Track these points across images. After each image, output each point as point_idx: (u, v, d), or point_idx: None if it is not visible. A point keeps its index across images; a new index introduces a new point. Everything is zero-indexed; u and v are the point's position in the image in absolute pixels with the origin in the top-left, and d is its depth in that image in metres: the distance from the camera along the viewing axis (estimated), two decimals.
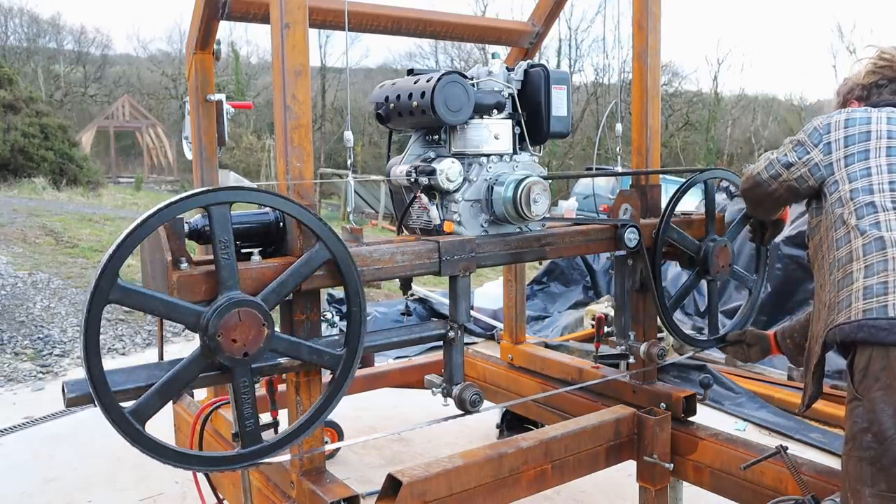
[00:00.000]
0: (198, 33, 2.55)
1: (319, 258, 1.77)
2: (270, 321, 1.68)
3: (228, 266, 1.65)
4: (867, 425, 1.63)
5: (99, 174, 20.14)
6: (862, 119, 1.96)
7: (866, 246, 1.80)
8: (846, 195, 1.90)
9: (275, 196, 1.72)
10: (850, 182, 1.91)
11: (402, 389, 3.55)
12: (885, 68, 2.10)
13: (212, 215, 1.64)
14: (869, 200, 1.86)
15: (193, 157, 2.67)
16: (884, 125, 1.94)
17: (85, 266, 7.81)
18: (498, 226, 2.26)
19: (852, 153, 1.93)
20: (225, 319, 1.61)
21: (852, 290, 1.77)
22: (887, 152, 1.90)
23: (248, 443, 1.73)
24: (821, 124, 2.01)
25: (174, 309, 1.61)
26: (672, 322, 2.62)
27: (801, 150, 2.03)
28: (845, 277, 1.82)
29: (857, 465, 1.65)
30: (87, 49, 34.64)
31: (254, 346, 1.66)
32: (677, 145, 27.59)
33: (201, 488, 2.42)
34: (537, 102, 2.30)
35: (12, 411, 4.45)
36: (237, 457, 1.75)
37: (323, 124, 29.57)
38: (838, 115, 2.01)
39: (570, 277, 6.97)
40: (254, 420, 1.73)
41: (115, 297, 1.53)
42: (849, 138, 1.96)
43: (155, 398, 1.61)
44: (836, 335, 1.76)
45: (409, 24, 2.83)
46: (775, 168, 2.08)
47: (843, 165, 1.94)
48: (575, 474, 2.38)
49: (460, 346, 2.14)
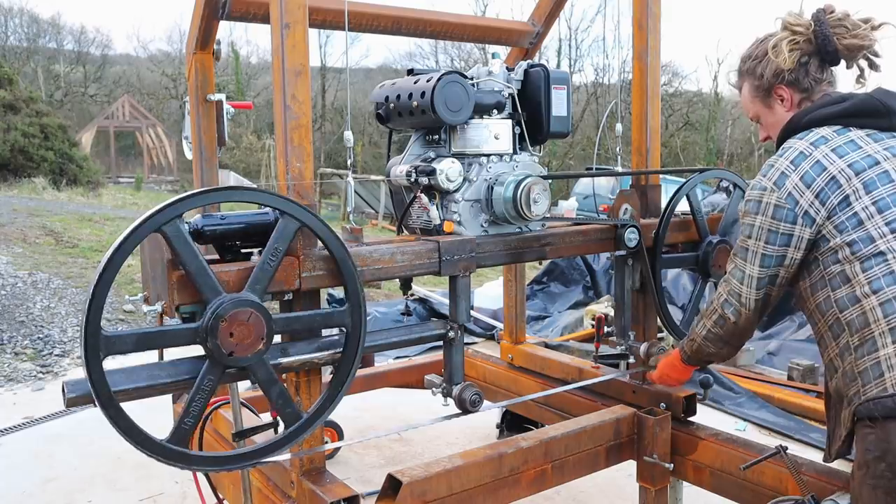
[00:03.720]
0: (198, 33, 2.55)
1: (289, 229, 1.73)
2: (263, 310, 1.67)
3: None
4: (880, 454, 1.58)
5: (99, 174, 20.15)
6: (815, 168, 1.72)
7: (885, 305, 1.62)
8: (843, 251, 1.68)
9: (275, 196, 1.72)
10: (840, 234, 1.70)
11: (402, 389, 3.54)
12: (801, 42, 1.83)
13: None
14: (874, 250, 1.66)
15: (193, 157, 2.67)
16: (840, 162, 1.72)
17: (85, 266, 7.81)
18: (498, 226, 2.26)
19: (832, 206, 1.71)
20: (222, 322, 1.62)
21: (880, 359, 1.61)
22: (866, 189, 1.69)
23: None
24: (780, 199, 1.73)
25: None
26: (672, 322, 2.62)
27: (782, 240, 1.75)
28: (864, 343, 1.64)
29: (872, 494, 1.60)
30: (87, 49, 34.67)
31: (256, 343, 1.66)
32: (677, 145, 27.59)
33: (201, 488, 2.42)
34: (537, 102, 2.30)
35: (12, 411, 4.45)
36: (237, 457, 1.75)
37: (323, 124, 29.57)
38: (787, 176, 1.74)
39: (570, 277, 6.97)
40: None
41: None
42: (820, 194, 1.71)
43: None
44: (875, 410, 1.59)
45: (409, 24, 2.83)
46: (758, 289, 1.81)
47: (825, 219, 1.72)
48: (575, 474, 2.38)
49: (460, 346, 2.14)
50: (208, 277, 1.62)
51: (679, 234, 2.64)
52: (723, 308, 1.92)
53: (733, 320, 1.90)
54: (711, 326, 1.97)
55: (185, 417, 1.64)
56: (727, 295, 1.90)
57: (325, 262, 1.83)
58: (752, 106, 1.97)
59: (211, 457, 1.76)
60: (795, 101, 1.88)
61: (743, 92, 1.99)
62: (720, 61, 44.81)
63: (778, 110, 1.91)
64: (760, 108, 1.95)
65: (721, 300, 1.92)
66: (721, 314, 1.93)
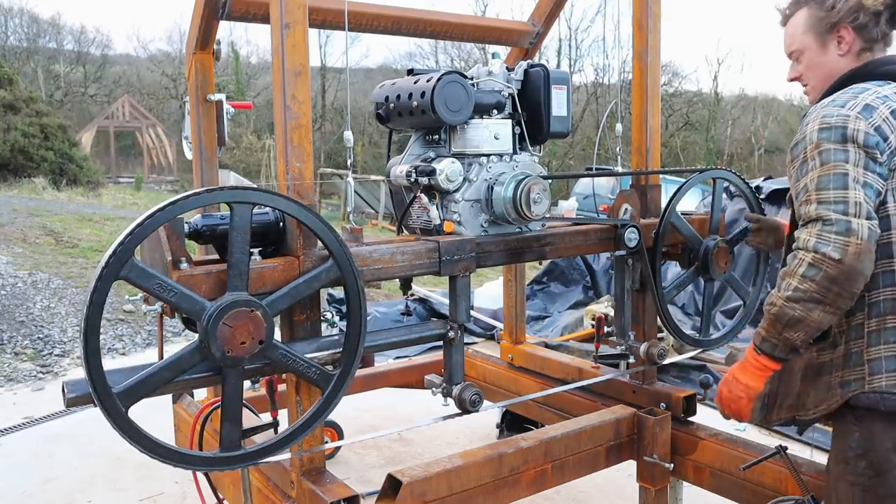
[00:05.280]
0: (198, 33, 2.55)
1: (330, 275, 1.79)
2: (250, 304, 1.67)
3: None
4: (862, 452, 1.55)
5: (99, 174, 20.14)
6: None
7: None
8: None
9: (275, 196, 1.72)
10: None
11: (402, 389, 3.54)
12: None
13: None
14: None
15: (193, 157, 2.67)
16: None
17: (85, 266, 7.81)
18: (498, 226, 2.26)
19: None
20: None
21: None
22: None
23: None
24: (869, 128, 1.51)
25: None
26: (672, 322, 2.62)
27: (881, 171, 1.52)
28: (883, 331, 1.52)
29: (849, 490, 1.58)
30: (87, 49, 34.65)
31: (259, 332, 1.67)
32: (677, 145, 27.58)
33: (201, 488, 2.42)
34: (537, 102, 2.30)
35: (12, 411, 4.45)
36: (237, 457, 1.75)
37: (323, 124, 29.56)
38: (875, 108, 1.51)
39: (570, 277, 6.97)
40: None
41: (125, 273, 1.54)
42: None
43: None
44: (880, 403, 1.51)
45: (409, 24, 2.83)
46: (869, 218, 1.48)
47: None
48: (575, 474, 2.38)
49: (460, 346, 2.14)
50: (187, 298, 1.62)
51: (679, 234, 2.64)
52: (816, 249, 1.48)
53: (837, 257, 1.45)
54: (799, 282, 1.50)
55: (229, 428, 1.71)
56: (818, 235, 1.49)
57: (325, 262, 1.83)
58: (802, 38, 1.72)
59: (211, 457, 1.76)
60: (855, 49, 1.67)
61: (795, 20, 1.74)
62: (720, 61, 44.84)
63: (832, 53, 1.69)
64: (811, 44, 1.70)
65: (811, 243, 1.49)
66: (815, 258, 1.48)
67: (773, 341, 1.58)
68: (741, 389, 1.66)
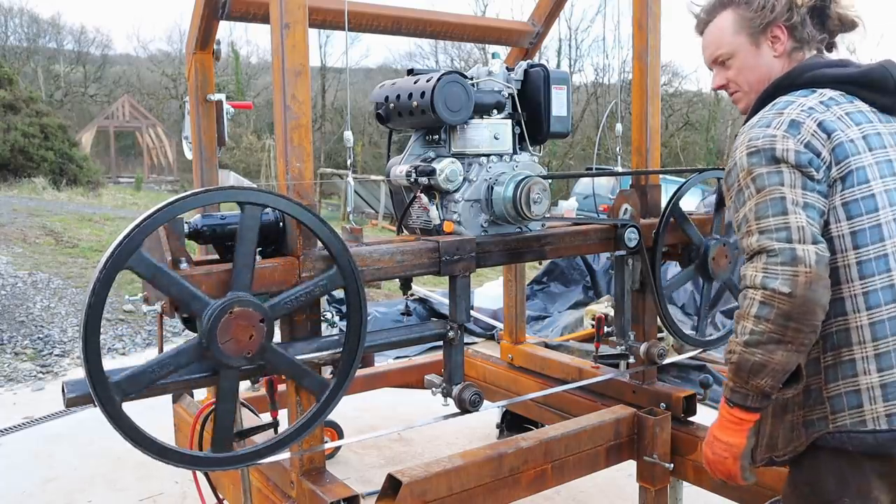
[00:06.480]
0: (198, 33, 2.55)
1: (334, 282, 1.78)
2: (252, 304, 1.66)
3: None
4: (810, 486, 1.49)
5: (99, 174, 20.15)
6: (833, 123, 1.43)
7: (876, 327, 1.37)
8: (844, 241, 1.39)
9: (275, 196, 1.72)
10: (848, 219, 1.39)
11: (402, 389, 3.55)
12: None
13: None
14: (880, 251, 1.37)
15: (193, 157, 2.67)
16: (856, 130, 1.43)
17: (85, 266, 7.81)
18: (498, 226, 2.26)
19: (848, 172, 1.40)
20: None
21: (860, 387, 1.39)
22: (880, 173, 1.40)
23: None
24: (799, 145, 1.39)
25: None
26: (672, 322, 2.62)
27: (821, 189, 1.40)
28: (840, 365, 1.41)
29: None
30: (87, 49, 34.67)
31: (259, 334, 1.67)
32: (677, 145, 27.57)
33: (201, 488, 2.42)
34: (537, 102, 2.30)
35: (12, 411, 4.45)
36: (237, 457, 1.75)
37: (323, 124, 29.56)
38: (801, 123, 1.41)
39: (570, 277, 6.97)
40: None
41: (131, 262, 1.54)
42: (837, 149, 1.41)
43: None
44: (848, 443, 1.40)
45: (409, 24, 2.83)
46: (815, 242, 1.36)
47: (838, 190, 1.41)
48: (575, 474, 2.38)
49: (460, 346, 2.14)
50: (190, 292, 1.62)
51: (679, 234, 2.64)
52: (764, 285, 1.36)
53: (787, 291, 1.34)
54: (754, 324, 1.38)
55: (222, 426, 1.70)
56: (764, 269, 1.37)
57: (325, 262, 1.83)
58: (732, 41, 1.61)
59: (211, 457, 1.76)
60: (787, 50, 1.59)
61: (719, 23, 1.63)
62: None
63: (765, 54, 1.60)
64: (744, 46, 1.60)
65: (758, 279, 1.38)
66: (765, 295, 1.36)
67: (742, 391, 1.45)
68: (723, 449, 1.52)
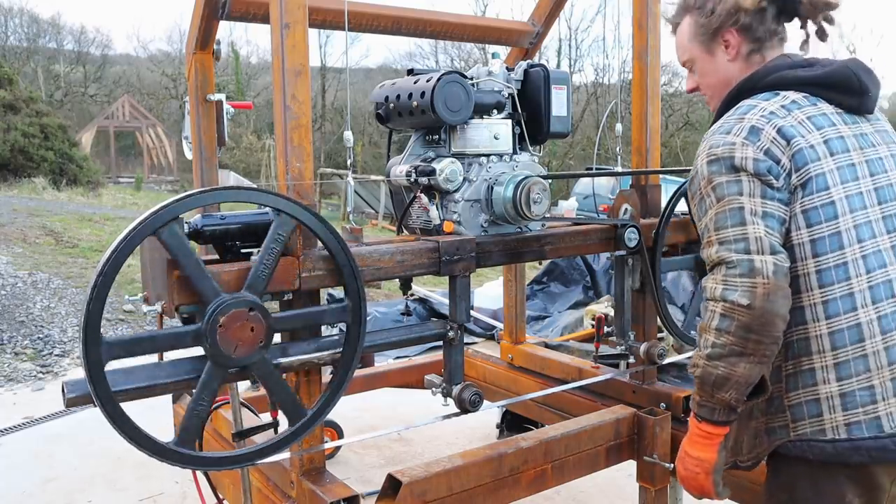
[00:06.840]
0: (198, 33, 2.55)
1: (287, 226, 1.72)
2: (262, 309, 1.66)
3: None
4: (788, 493, 1.50)
5: (99, 174, 20.16)
6: (793, 129, 1.42)
7: (835, 336, 1.38)
8: (804, 249, 1.39)
9: (275, 196, 1.72)
10: (808, 226, 1.39)
11: (402, 389, 3.54)
12: None
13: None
14: (839, 259, 1.37)
15: (193, 157, 2.67)
16: (817, 135, 1.42)
17: (85, 266, 7.81)
18: (498, 226, 2.26)
19: (808, 178, 1.40)
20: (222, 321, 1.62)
21: (820, 396, 1.40)
22: (841, 179, 1.39)
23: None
24: (758, 152, 1.39)
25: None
26: (672, 322, 2.62)
27: (781, 197, 1.40)
28: (800, 374, 1.42)
29: None
30: (87, 49, 34.69)
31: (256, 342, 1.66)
32: (677, 145, 27.56)
33: (201, 488, 2.42)
34: (537, 102, 2.30)
35: (12, 411, 4.45)
36: (237, 457, 1.75)
37: (323, 124, 29.57)
38: (761, 130, 1.41)
39: (570, 277, 6.97)
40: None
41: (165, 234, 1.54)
42: (797, 156, 1.40)
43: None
44: (808, 452, 1.41)
45: (409, 24, 2.83)
46: (773, 253, 1.37)
47: (799, 197, 1.40)
48: (575, 474, 2.38)
49: (460, 346, 2.14)
50: (206, 279, 1.62)
51: (680, 234, 2.64)
52: (724, 298, 1.38)
53: (746, 303, 1.35)
54: (716, 336, 1.40)
55: (190, 419, 1.64)
56: (723, 281, 1.39)
57: (325, 262, 1.83)
58: (689, 48, 1.65)
59: (211, 457, 1.76)
60: (743, 52, 1.59)
61: (681, 29, 1.67)
62: None
63: (720, 58, 1.61)
64: (699, 53, 1.64)
65: (718, 292, 1.39)
66: (725, 307, 1.38)
67: (708, 405, 1.47)
68: (694, 464, 1.54)
